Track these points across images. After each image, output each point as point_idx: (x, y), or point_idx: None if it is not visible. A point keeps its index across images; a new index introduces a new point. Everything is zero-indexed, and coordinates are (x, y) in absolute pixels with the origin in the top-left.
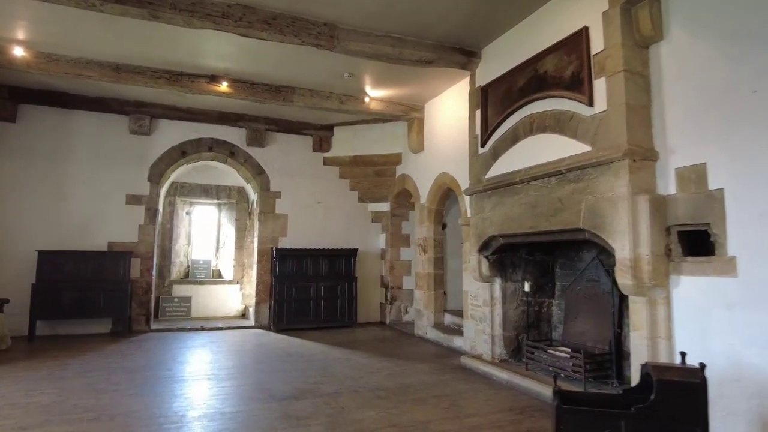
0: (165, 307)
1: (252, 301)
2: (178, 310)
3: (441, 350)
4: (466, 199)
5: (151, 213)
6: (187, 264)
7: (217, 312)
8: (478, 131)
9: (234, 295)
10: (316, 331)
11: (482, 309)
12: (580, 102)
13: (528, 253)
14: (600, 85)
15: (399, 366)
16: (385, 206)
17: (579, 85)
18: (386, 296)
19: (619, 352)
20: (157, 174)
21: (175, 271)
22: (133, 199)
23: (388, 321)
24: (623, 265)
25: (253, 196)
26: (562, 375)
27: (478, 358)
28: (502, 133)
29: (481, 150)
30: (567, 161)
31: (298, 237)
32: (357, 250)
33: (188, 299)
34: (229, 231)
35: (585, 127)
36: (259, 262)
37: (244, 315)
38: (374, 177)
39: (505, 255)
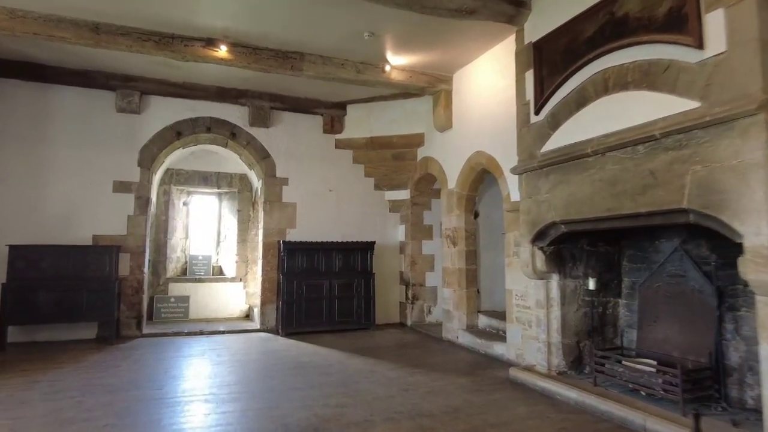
0: (160, 308)
1: (257, 301)
2: (174, 312)
3: (478, 359)
4: (511, 180)
5: (142, 202)
6: (184, 260)
7: (219, 313)
8: (529, 97)
9: (237, 294)
10: (330, 334)
11: (534, 311)
12: (683, 45)
13: (590, 243)
14: (714, 21)
15: (435, 380)
16: (404, 194)
17: (680, 24)
18: (407, 295)
19: (722, 367)
20: (148, 158)
21: (171, 268)
22: (121, 187)
23: (409, 322)
24: (758, 256)
25: (257, 183)
26: (643, 393)
27: (531, 370)
28: (564, 96)
29: (534, 119)
30: (661, 124)
31: (307, 229)
32: (374, 243)
33: (186, 299)
34: (230, 223)
35: (689, 78)
36: (264, 257)
37: (248, 316)
38: (392, 161)
39: (564, 246)
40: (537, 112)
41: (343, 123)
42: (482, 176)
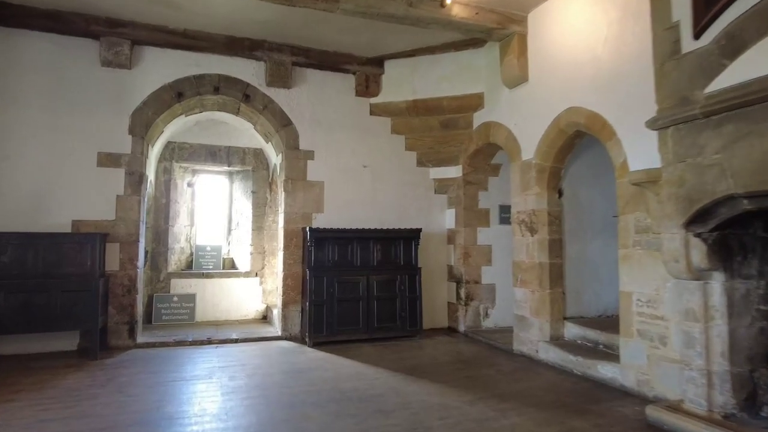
0: (160, 309)
1: (277, 301)
2: (177, 313)
3: (578, 384)
4: (628, 142)
5: (135, 179)
6: (189, 251)
7: (231, 314)
8: (678, 16)
9: (252, 291)
10: (369, 344)
11: (681, 325)
12: None
13: (766, 228)
14: None
15: (541, 425)
16: (454, 171)
17: None
18: (458, 294)
19: None
20: (141, 124)
21: (174, 261)
22: (108, 160)
23: (462, 328)
24: None
25: (276, 159)
26: None
27: (679, 410)
28: (755, 4)
29: (690, 46)
30: None
31: (337, 213)
32: (420, 231)
33: (191, 298)
34: (244, 207)
35: None
36: (286, 248)
37: (265, 318)
38: (440, 130)
39: (730, 233)
40: (697, 36)
41: (379, 83)
42: (573, 141)
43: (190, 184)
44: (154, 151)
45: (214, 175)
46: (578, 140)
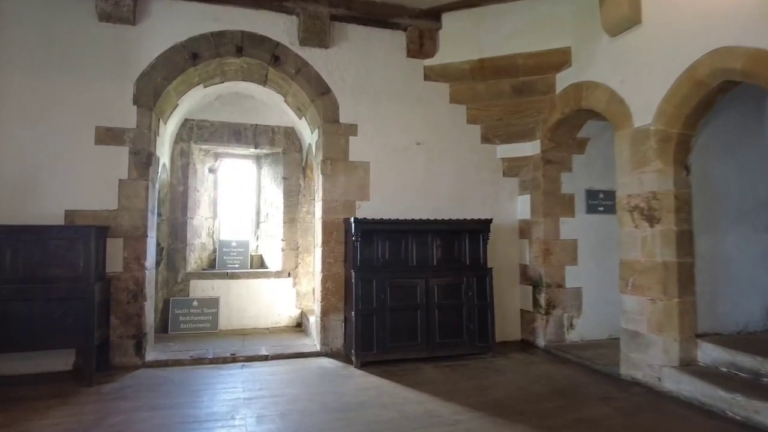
0: (178, 316)
1: (313, 306)
2: (197, 321)
3: None
4: None
5: (141, 159)
6: (212, 247)
7: (260, 321)
8: None
9: (284, 294)
10: (431, 365)
11: None
12: None
13: None
14: None
15: None
16: (528, 148)
17: None
18: (535, 300)
19: None
20: (149, 93)
21: (194, 259)
22: (108, 136)
23: (542, 342)
24: None
25: (310, 137)
26: None
27: None
28: None
29: None
30: None
31: (385, 201)
32: (491, 221)
33: (214, 302)
34: (274, 196)
35: None
36: (325, 243)
37: (300, 325)
38: (512, 97)
39: None
40: None
41: (436, 41)
42: (715, 98)
43: (211, 170)
44: (168, 130)
45: (240, 160)
46: (721, 96)
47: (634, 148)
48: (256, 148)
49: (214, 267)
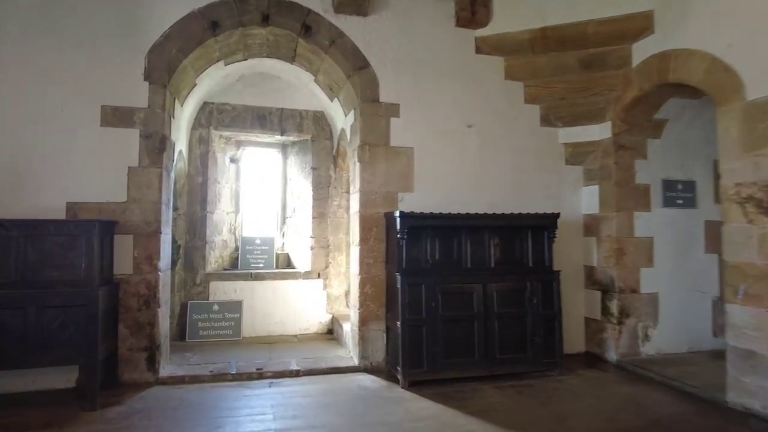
0: (196, 322)
1: (347, 311)
2: (218, 327)
3: None
4: None
5: (154, 144)
6: (234, 245)
7: (287, 327)
8: None
9: (314, 297)
10: (491, 384)
11: None
12: None
13: None
14: None
15: None
16: (596, 131)
17: None
18: (605, 307)
19: None
20: (162, 67)
21: (214, 258)
22: (115, 117)
23: (613, 355)
24: None
25: (344, 121)
26: None
27: None
28: None
29: None
30: None
31: (432, 193)
32: (557, 216)
33: (237, 306)
34: (302, 189)
35: None
36: (363, 241)
37: (331, 332)
38: (579, 72)
39: None
40: None
41: (490, 7)
42: None
43: (233, 160)
44: (185, 113)
45: (264, 149)
46: None
47: (748, 125)
48: (282, 134)
49: (237, 267)
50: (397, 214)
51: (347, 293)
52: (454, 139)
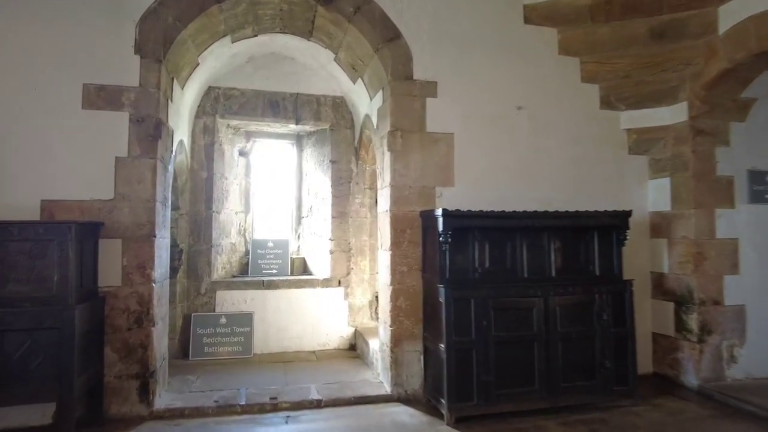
0: (201, 337)
1: (371, 322)
2: (226, 343)
3: None
4: None
5: (148, 130)
6: (244, 248)
7: (303, 343)
8: None
9: (334, 307)
10: (556, 420)
11: None
12: None
13: None
14: None
15: None
16: (667, 114)
17: None
18: (680, 321)
19: None
20: (157, 39)
21: (221, 264)
22: (100, 97)
23: (693, 380)
24: None
25: (368, 106)
26: None
27: None
28: None
29: None
30: None
31: (475, 187)
32: (629, 214)
33: (247, 319)
34: (320, 185)
35: None
36: (395, 245)
37: (353, 347)
38: (648, 45)
39: None
40: None
41: None
42: None
43: (242, 153)
44: (187, 98)
45: (276, 141)
46: None
47: None
48: (297, 123)
49: (247, 273)
50: (439, 212)
51: (371, 303)
52: (501, 124)
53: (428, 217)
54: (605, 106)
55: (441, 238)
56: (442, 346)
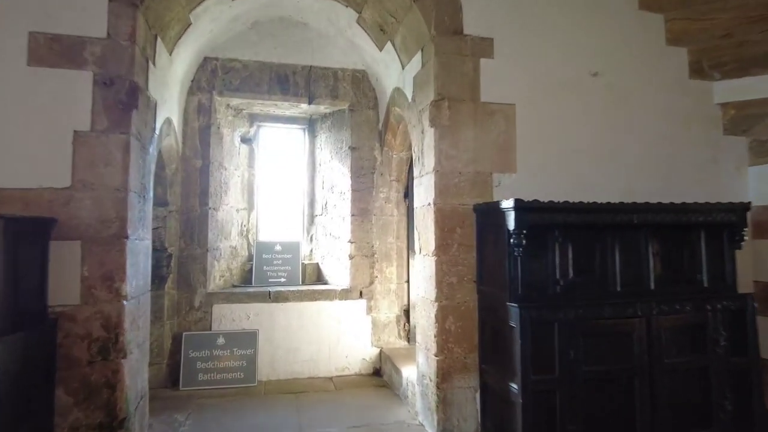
0: (195, 361)
1: (399, 341)
2: (225, 369)
3: None
4: None
5: (119, 95)
6: (246, 253)
7: (318, 367)
8: None
9: (354, 324)
10: None
11: None
12: None
13: None
14: None
15: None
16: None
17: None
18: None
19: None
20: None
21: (219, 272)
22: (52, 52)
23: None
24: None
25: (399, 77)
26: None
27: None
28: None
29: None
30: None
31: (541, 173)
32: (748, 207)
33: (250, 339)
34: (337, 177)
35: None
36: (440, 248)
37: (378, 373)
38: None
39: None
40: None
41: None
42: None
43: (245, 139)
44: (177, 69)
45: (285, 127)
46: None
47: None
48: (310, 102)
49: (250, 283)
50: (510, 204)
51: (399, 318)
52: (573, 94)
53: (488, 211)
54: (695, 74)
55: (513, 240)
56: (515, 386)
